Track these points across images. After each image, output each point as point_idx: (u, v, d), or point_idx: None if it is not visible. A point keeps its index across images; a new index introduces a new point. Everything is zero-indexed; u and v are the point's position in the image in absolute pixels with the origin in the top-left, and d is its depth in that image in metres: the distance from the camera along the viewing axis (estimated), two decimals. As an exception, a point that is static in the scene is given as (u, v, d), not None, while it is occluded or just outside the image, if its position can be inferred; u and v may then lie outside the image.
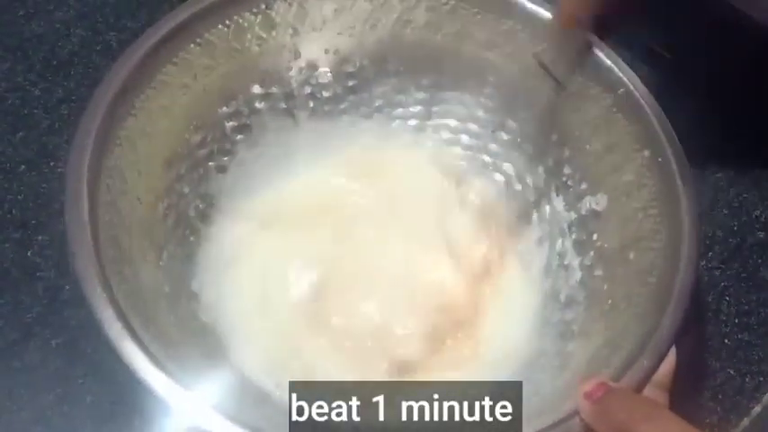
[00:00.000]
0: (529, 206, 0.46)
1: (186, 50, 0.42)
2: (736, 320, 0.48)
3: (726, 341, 0.47)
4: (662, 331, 0.35)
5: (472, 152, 0.48)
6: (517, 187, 0.47)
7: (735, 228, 0.51)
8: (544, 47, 0.43)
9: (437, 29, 0.46)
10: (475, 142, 0.48)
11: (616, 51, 0.43)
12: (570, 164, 0.44)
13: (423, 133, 0.48)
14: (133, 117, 0.40)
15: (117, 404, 0.42)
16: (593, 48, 0.42)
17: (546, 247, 0.45)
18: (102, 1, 0.57)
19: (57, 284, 0.46)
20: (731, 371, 0.46)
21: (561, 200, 0.45)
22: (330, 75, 0.47)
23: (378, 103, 0.48)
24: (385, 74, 0.47)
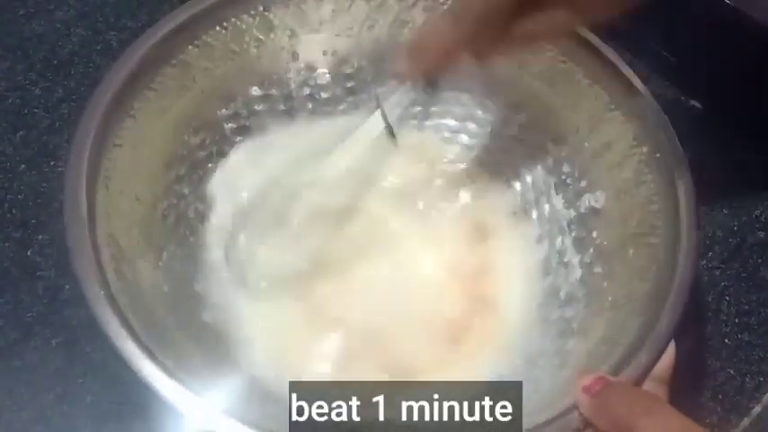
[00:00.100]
0: (528, 204, 0.46)
1: (184, 52, 0.42)
2: (736, 320, 0.48)
3: (726, 341, 0.47)
4: (661, 326, 0.35)
5: (472, 151, 0.48)
6: (516, 186, 0.47)
7: (735, 228, 0.51)
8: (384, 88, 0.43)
9: None
10: (474, 141, 0.48)
11: (615, 51, 0.43)
12: (569, 162, 0.45)
13: (422, 133, 0.48)
14: (132, 119, 0.40)
15: (117, 404, 0.42)
16: (431, 100, 0.42)
17: (546, 245, 0.45)
18: (102, 0, 0.57)
19: (57, 284, 0.46)
20: (731, 371, 0.46)
21: (561, 198, 0.45)
22: (329, 76, 0.47)
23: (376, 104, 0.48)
24: (383, 74, 0.47)
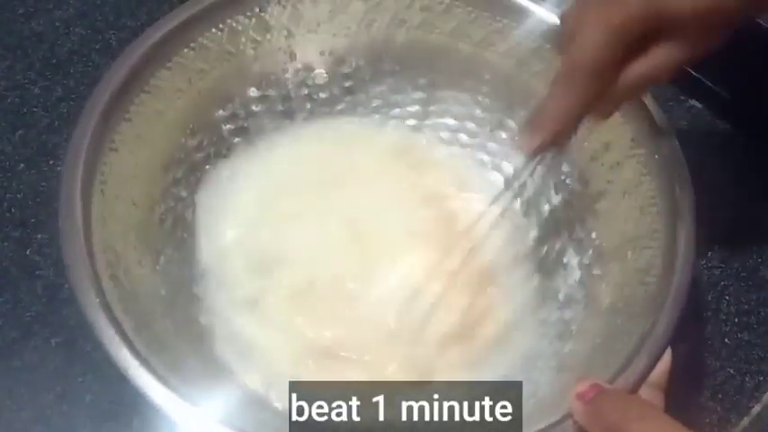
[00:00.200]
0: (528, 205, 0.46)
1: (180, 55, 0.42)
2: (735, 320, 0.48)
3: (726, 340, 0.47)
4: (658, 332, 0.35)
5: (471, 151, 0.48)
6: (515, 186, 0.46)
7: (734, 227, 0.51)
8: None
9: (432, 28, 0.46)
10: (473, 141, 0.48)
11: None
12: (568, 162, 0.44)
13: (421, 133, 0.48)
14: (127, 122, 0.40)
15: (116, 403, 0.42)
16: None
17: (545, 247, 0.45)
18: (101, 0, 0.57)
19: (56, 283, 0.46)
20: (731, 370, 0.46)
21: (560, 198, 0.45)
22: (326, 76, 0.47)
23: (375, 104, 0.48)
24: (381, 74, 0.47)
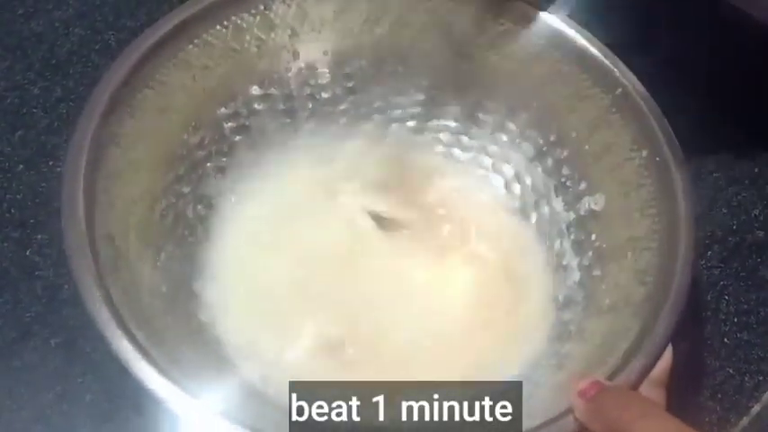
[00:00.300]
0: (528, 207, 0.46)
1: (184, 51, 0.42)
2: (735, 319, 0.48)
3: (725, 340, 0.47)
4: (657, 331, 0.35)
5: (472, 153, 0.48)
6: (516, 188, 0.47)
7: (734, 227, 0.51)
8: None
9: (436, 29, 0.46)
10: (474, 143, 0.48)
11: (615, 52, 0.43)
12: (569, 164, 0.44)
13: (422, 135, 0.48)
14: (130, 118, 0.40)
15: (116, 403, 0.42)
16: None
17: (545, 248, 0.45)
18: (101, 0, 0.57)
19: (56, 283, 0.46)
20: (730, 370, 0.46)
21: (560, 200, 0.45)
22: (329, 76, 0.47)
23: (377, 105, 0.48)
24: (384, 75, 0.47)
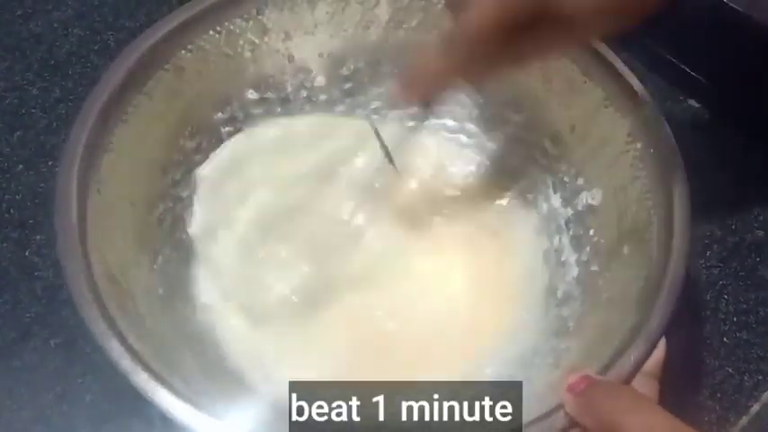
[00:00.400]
0: (527, 204, 0.46)
1: (177, 57, 0.42)
2: (734, 319, 0.48)
3: (724, 339, 0.47)
4: (651, 323, 0.35)
5: (470, 152, 0.48)
6: (515, 186, 0.47)
7: (733, 226, 0.51)
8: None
9: (430, 29, 0.46)
10: (473, 141, 0.48)
11: (611, 48, 0.43)
12: (566, 160, 0.44)
13: (420, 134, 0.48)
14: (125, 123, 0.40)
15: (116, 403, 0.42)
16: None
17: (544, 245, 0.44)
18: (100, 1, 0.57)
19: (55, 284, 0.46)
20: (730, 369, 0.46)
21: (558, 197, 0.45)
22: (325, 78, 0.47)
23: (374, 105, 0.48)
24: (380, 75, 0.47)
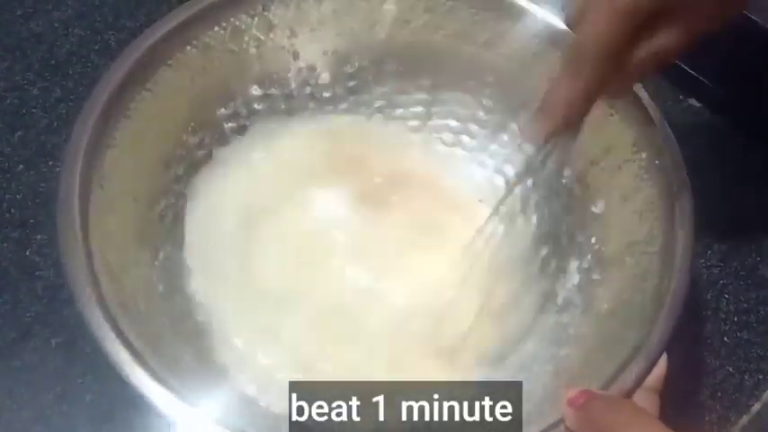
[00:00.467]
0: (529, 208, 0.46)
1: (182, 53, 0.42)
2: (735, 318, 0.48)
3: (725, 339, 0.47)
4: (653, 339, 0.35)
5: (473, 153, 0.48)
6: (517, 190, 0.46)
7: (734, 226, 0.51)
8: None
9: (436, 29, 0.46)
10: (476, 143, 0.48)
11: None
12: (569, 166, 0.44)
13: (423, 134, 0.48)
14: (128, 119, 0.40)
15: (116, 403, 0.42)
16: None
17: (545, 250, 0.44)
18: (100, 0, 0.57)
19: (56, 283, 0.46)
20: (730, 369, 0.46)
21: (560, 202, 0.45)
22: (329, 76, 0.47)
23: (378, 104, 0.48)
24: (384, 74, 0.47)
